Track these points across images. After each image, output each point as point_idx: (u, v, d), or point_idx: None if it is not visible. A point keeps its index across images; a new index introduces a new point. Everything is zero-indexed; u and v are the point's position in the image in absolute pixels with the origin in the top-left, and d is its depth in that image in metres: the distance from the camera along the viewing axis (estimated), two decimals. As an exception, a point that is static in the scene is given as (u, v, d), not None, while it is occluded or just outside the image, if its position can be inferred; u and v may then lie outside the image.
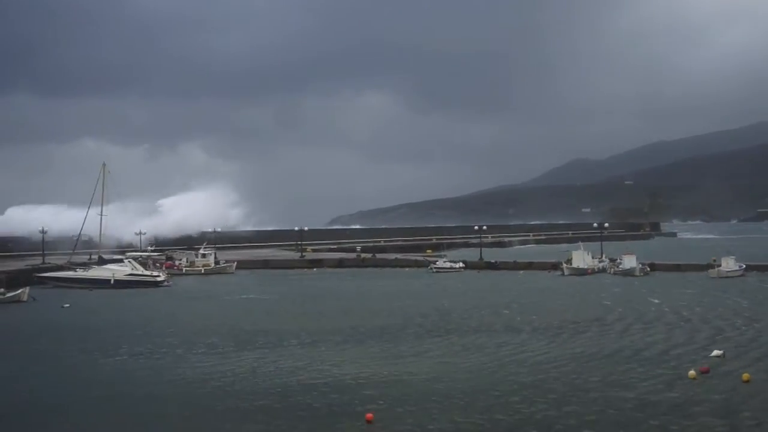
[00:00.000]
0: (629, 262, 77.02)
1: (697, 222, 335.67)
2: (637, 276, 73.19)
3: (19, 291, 60.68)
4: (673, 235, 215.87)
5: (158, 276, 77.33)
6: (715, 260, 74.89)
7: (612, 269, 78.25)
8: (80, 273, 76.52)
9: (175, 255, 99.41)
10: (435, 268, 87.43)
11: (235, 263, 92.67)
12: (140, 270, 77.25)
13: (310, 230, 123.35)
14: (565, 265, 79.62)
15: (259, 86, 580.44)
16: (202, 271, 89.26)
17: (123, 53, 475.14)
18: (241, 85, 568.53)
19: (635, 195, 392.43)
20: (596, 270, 78.72)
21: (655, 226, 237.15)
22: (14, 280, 69.98)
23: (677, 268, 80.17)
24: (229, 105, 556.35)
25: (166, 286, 74.24)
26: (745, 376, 26.76)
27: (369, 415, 22.70)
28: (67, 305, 56.00)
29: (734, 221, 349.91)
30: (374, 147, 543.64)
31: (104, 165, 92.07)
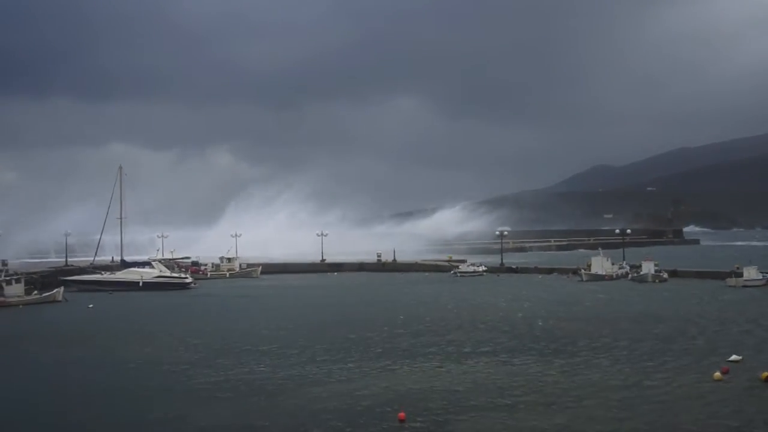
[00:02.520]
0: (645, 268, 76.77)
1: (721, 229, 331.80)
2: (649, 282, 73.18)
3: (54, 291, 62.83)
4: (696, 241, 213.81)
5: (186, 278, 79.21)
6: (738, 267, 73.28)
7: (631, 275, 78.29)
8: (108, 275, 78.37)
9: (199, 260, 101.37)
10: (459, 272, 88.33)
11: (260, 267, 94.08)
12: (167, 273, 79.07)
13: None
14: (583, 270, 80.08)
15: (290, 93, 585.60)
16: (228, 276, 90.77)
17: (161, 59, 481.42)
18: (273, 91, 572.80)
19: (657, 201, 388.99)
20: (614, 276, 78.62)
21: (678, 233, 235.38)
22: (46, 279, 72.70)
23: (699, 275, 79.46)
24: (260, 111, 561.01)
25: (193, 288, 76.08)
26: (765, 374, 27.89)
27: (401, 414, 23.35)
28: (91, 305, 58.36)
29: (758, 228, 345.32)
30: (399, 152, 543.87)
31: (120, 168, 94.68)
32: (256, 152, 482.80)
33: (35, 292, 62.93)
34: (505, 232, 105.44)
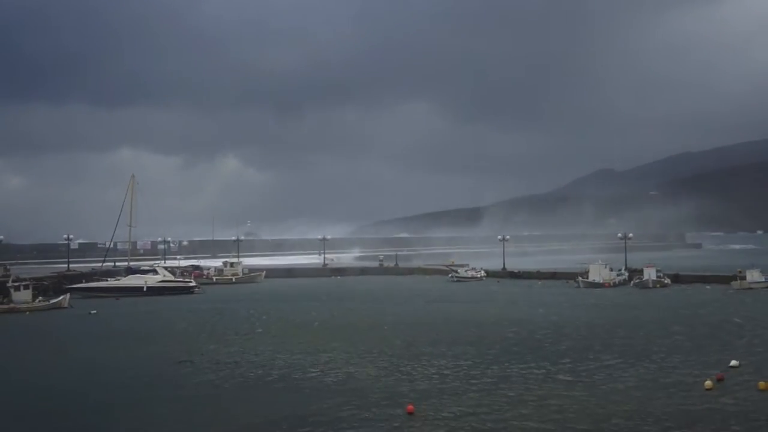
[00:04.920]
0: (646, 274, 76.39)
1: (723, 233, 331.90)
2: (651, 288, 72.80)
3: (61, 297, 63.42)
4: (698, 245, 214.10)
5: (190, 282, 79.97)
6: (740, 271, 73.35)
7: (633, 282, 77.67)
8: (112, 282, 78.91)
9: (201, 264, 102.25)
10: (456, 276, 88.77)
11: (264, 272, 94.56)
12: (171, 278, 79.76)
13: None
14: (581, 278, 79.04)
15: (299, 98, 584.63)
16: (233, 280, 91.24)
17: (173, 65, 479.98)
18: (282, 97, 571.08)
19: (660, 205, 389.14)
20: (612, 284, 77.47)
21: (680, 237, 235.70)
22: (54, 285, 73.26)
23: (702, 279, 79.31)
24: (269, 116, 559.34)
25: (198, 293, 76.61)
26: (762, 384, 27.30)
27: (410, 407, 23.70)
28: (94, 311, 58.72)
29: (760, 232, 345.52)
30: (407, 156, 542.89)
31: (133, 176, 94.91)
32: (263, 157, 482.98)
33: (39, 298, 63.45)
34: (507, 237, 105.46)
